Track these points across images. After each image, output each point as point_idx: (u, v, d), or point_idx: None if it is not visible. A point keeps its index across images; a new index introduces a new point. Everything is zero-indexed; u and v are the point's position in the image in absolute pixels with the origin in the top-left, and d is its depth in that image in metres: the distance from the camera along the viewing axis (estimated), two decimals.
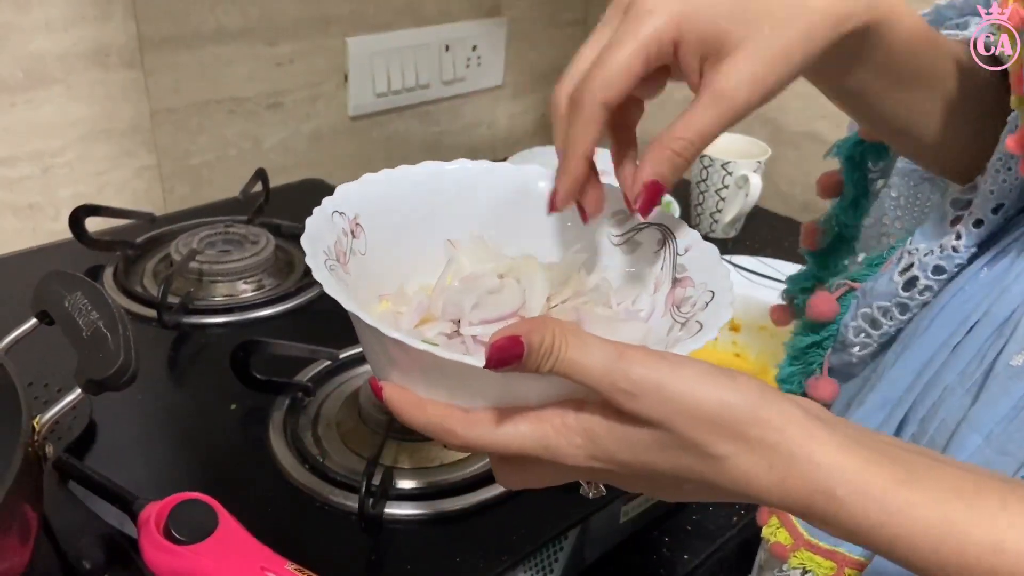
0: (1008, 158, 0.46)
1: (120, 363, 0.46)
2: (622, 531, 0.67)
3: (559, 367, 0.32)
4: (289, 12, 1.09)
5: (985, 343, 0.46)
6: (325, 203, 0.42)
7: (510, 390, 0.34)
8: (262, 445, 0.66)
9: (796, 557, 0.52)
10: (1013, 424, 0.43)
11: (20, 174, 0.95)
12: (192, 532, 0.51)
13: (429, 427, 0.36)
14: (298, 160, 1.18)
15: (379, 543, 0.59)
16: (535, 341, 0.32)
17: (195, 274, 0.86)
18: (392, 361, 0.36)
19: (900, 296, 0.50)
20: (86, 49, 0.94)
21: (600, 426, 0.33)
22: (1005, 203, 0.47)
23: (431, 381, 0.36)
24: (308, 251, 0.39)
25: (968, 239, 0.48)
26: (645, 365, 0.32)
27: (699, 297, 0.42)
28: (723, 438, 0.32)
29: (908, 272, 0.50)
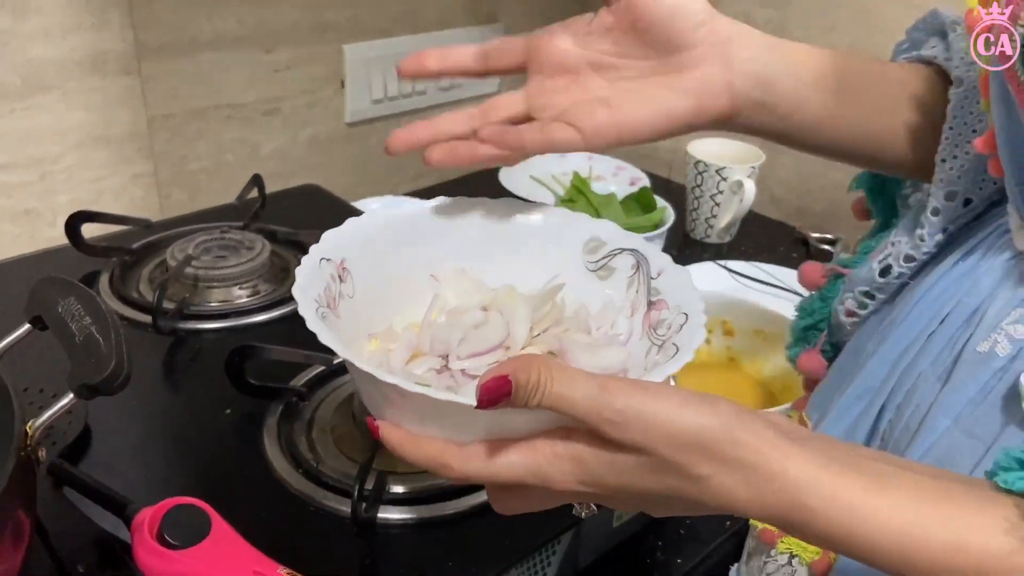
0: (952, 147, 0.49)
1: (112, 367, 0.46)
2: (615, 535, 0.67)
3: (546, 401, 0.34)
4: (286, 19, 1.09)
5: (956, 332, 0.48)
6: (312, 251, 0.45)
7: (500, 423, 0.36)
8: (256, 450, 0.66)
9: (783, 543, 0.55)
10: (980, 408, 0.44)
11: (17, 180, 0.95)
12: (185, 537, 0.52)
13: (426, 463, 0.38)
14: (295, 166, 1.18)
15: (372, 547, 0.59)
16: (522, 379, 0.34)
17: (190, 280, 0.86)
18: (387, 401, 0.38)
19: (877, 282, 0.54)
20: (83, 56, 0.95)
21: (587, 453, 0.36)
22: (958, 190, 0.50)
23: (425, 419, 0.38)
24: (300, 301, 0.41)
25: (930, 227, 0.51)
26: (628, 395, 0.34)
27: (674, 319, 0.44)
28: (703, 459, 0.34)
29: (885, 261, 0.53)
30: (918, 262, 0.52)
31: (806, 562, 0.54)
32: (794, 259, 1.15)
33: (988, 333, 0.45)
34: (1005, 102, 0.44)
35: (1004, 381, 0.44)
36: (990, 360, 0.44)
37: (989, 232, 0.50)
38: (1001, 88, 0.43)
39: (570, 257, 0.49)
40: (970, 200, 0.50)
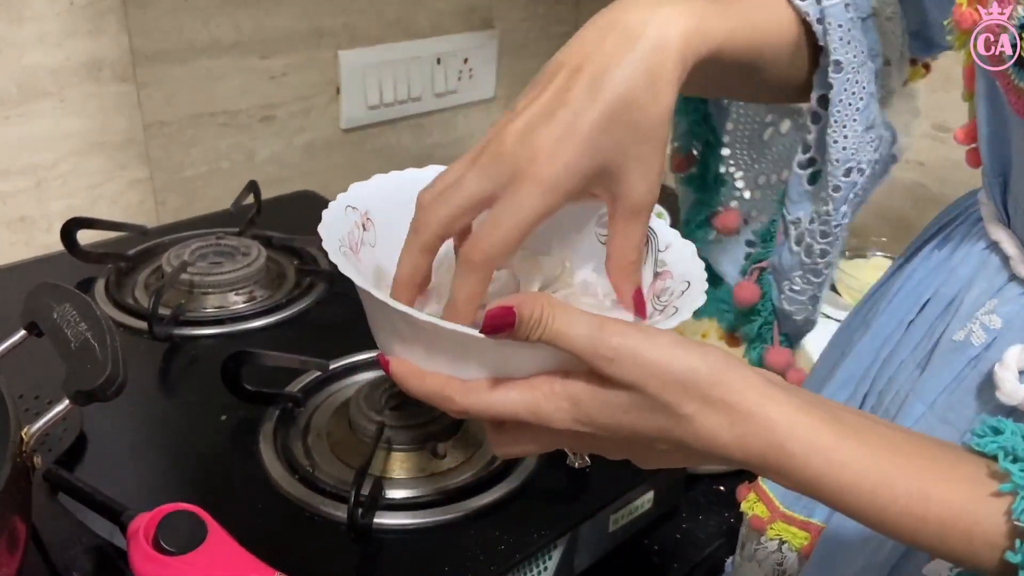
0: (841, 128, 0.51)
1: (108, 374, 0.47)
2: (611, 539, 0.67)
3: (546, 336, 0.36)
4: (282, 25, 1.10)
5: (935, 320, 0.50)
6: (340, 198, 0.46)
7: (503, 361, 0.38)
8: (252, 456, 0.66)
9: (773, 529, 0.56)
10: (954, 395, 0.46)
11: (13, 187, 0.95)
12: (181, 543, 0.52)
13: (430, 395, 0.39)
14: (291, 172, 1.18)
15: (369, 553, 0.59)
16: (526, 312, 0.35)
17: (186, 286, 0.86)
18: (397, 334, 0.40)
19: (806, 264, 0.56)
20: (79, 63, 0.95)
21: (583, 391, 0.37)
22: (852, 165, 0.52)
23: (432, 352, 0.39)
24: (324, 236, 0.42)
25: (834, 203, 0.53)
26: (623, 334, 0.36)
27: (676, 287, 0.45)
28: (689, 398, 0.36)
29: (803, 242, 0.55)
30: (834, 235, 0.54)
31: (795, 548, 0.55)
32: None
33: (964, 322, 0.46)
34: (991, 98, 0.45)
35: (978, 370, 0.45)
36: (965, 349, 0.46)
37: (963, 220, 0.52)
38: (989, 85, 0.44)
39: (583, 228, 0.50)
40: (863, 169, 0.52)
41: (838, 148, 0.51)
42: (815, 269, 0.56)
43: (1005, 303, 0.45)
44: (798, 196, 0.55)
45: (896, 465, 0.35)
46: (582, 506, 0.64)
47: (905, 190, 1.14)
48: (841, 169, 0.52)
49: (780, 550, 0.56)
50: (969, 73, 0.47)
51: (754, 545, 0.59)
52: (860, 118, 0.51)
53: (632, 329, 0.36)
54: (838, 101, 0.51)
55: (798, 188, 0.54)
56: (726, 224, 0.64)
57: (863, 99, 0.51)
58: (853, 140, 0.51)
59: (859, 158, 0.52)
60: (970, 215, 0.51)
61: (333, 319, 0.86)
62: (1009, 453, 0.35)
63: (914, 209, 1.14)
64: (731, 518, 0.74)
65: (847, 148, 0.51)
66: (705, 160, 0.64)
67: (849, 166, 0.52)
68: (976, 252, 0.48)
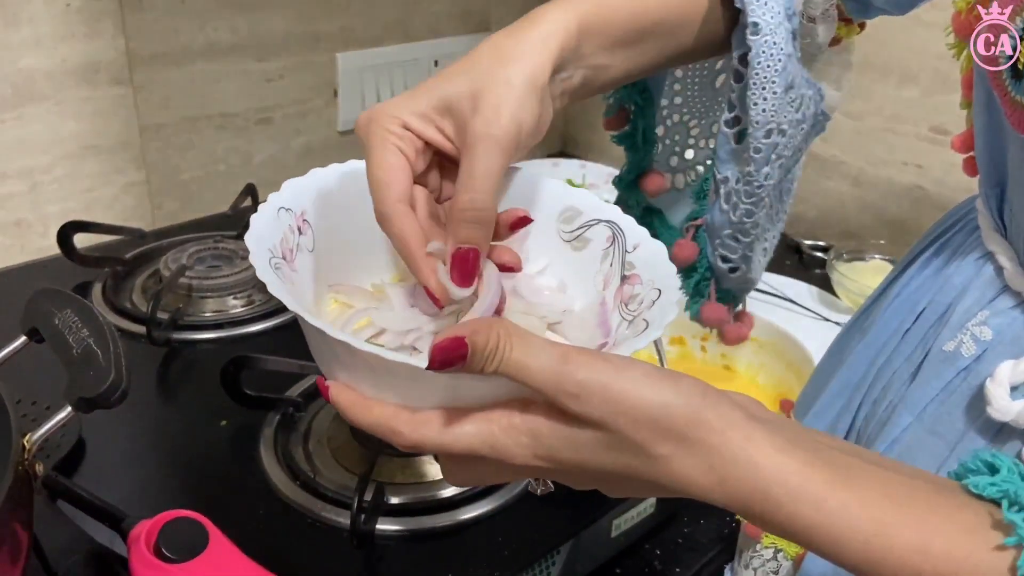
0: (760, 90, 0.50)
1: (111, 381, 0.46)
2: (613, 545, 0.67)
3: (503, 368, 0.33)
4: (279, 28, 1.09)
5: (929, 330, 0.49)
6: (271, 199, 0.42)
7: (456, 392, 0.34)
8: (253, 462, 0.66)
9: (768, 537, 0.55)
10: (944, 407, 0.45)
11: (8, 191, 0.95)
12: (183, 550, 0.51)
13: (376, 427, 0.36)
14: (287, 175, 1.15)
15: (371, 559, 0.59)
16: (479, 342, 0.32)
17: (184, 290, 0.86)
18: (339, 361, 0.36)
19: (734, 223, 0.54)
20: (75, 66, 0.94)
21: (545, 426, 0.34)
22: (773, 127, 0.51)
23: (378, 382, 0.36)
24: (252, 249, 0.38)
25: (755, 165, 0.52)
26: (590, 368, 0.33)
27: (646, 295, 0.42)
28: (664, 439, 0.33)
29: (731, 201, 0.54)
30: (757, 196, 0.53)
31: (791, 556, 0.54)
32: (787, 266, 1.16)
33: (955, 333, 0.46)
34: (989, 110, 0.44)
35: (968, 382, 0.44)
36: (955, 360, 0.45)
37: (961, 228, 0.51)
38: (987, 96, 0.44)
39: (544, 225, 0.47)
40: (784, 130, 0.51)
41: (758, 110, 0.50)
42: (743, 228, 0.55)
43: (997, 315, 0.44)
44: (726, 155, 0.53)
45: (892, 514, 0.32)
46: (584, 512, 0.63)
47: (903, 192, 1.14)
48: (762, 131, 0.50)
49: (775, 558, 0.56)
50: (967, 82, 0.47)
51: (750, 553, 0.58)
52: (779, 80, 0.49)
53: (599, 361, 0.33)
54: (756, 64, 0.49)
55: (726, 147, 0.53)
56: (652, 186, 0.62)
57: (781, 60, 0.49)
58: (773, 102, 0.50)
59: (779, 119, 0.50)
60: (968, 223, 0.50)
61: None
62: (1013, 502, 0.32)
63: (912, 212, 1.14)
64: (732, 523, 0.74)
65: (767, 110, 0.50)
66: (635, 120, 0.62)
67: (769, 127, 0.50)
68: (971, 261, 0.47)
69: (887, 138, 1.14)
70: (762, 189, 0.52)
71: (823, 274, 1.09)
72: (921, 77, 1.09)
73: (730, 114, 0.52)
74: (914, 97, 1.10)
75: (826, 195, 1.23)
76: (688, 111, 0.62)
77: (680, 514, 0.74)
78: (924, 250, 0.53)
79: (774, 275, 1.09)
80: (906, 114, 1.11)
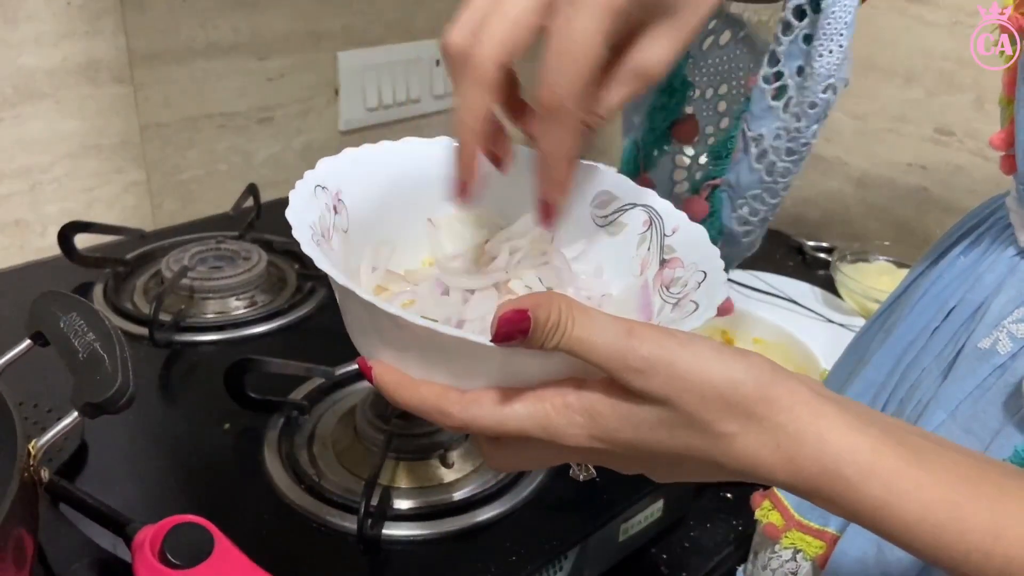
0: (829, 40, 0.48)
1: (118, 386, 0.46)
2: (621, 549, 0.67)
3: (565, 344, 0.31)
4: (280, 27, 1.09)
5: (960, 328, 0.49)
6: (308, 176, 0.41)
7: (510, 369, 0.33)
8: (257, 465, 0.65)
9: (788, 537, 0.55)
10: (978, 404, 0.45)
11: (7, 190, 0.94)
12: (188, 556, 0.50)
13: (423, 407, 0.35)
14: (289, 175, 1.16)
15: (377, 564, 0.58)
16: (541, 316, 0.31)
17: (186, 291, 0.85)
18: (384, 339, 0.35)
19: (766, 182, 0.53)
20: (76, 64, 0.94)
21: (603, 404, 0.33)
22: (832, 80, 0.49)
23: (428, 360, 0.34)
24: (294, 224, 0.37)
25: (807, 120, 0.50)
26: (656, 343, 0.32)
27: (690, 277, 0.41)
28: (731, 416, 0.32)
29: (765, 159, 0.52)
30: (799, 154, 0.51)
31: (810, 557, 0.54)
32: (790, 268, 1.16)
33: (990, 330, 0.46)
34: None
35: (1004, 379, 0.44)
36: (990, 357, 0.45)
37: (991, 225, 0.51)
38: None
39: (578, 210, 0.46)
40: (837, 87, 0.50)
41: (823, 62, 0.48)
42: (773, 189, 0.53)
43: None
44: (761, 112, 0.51)
45: (965, 496, 0.32)
46: (592, 516, 0.63)
47: (907, 194, 1.14)
48: (821, 85, 0.49)
49: (795, 559, 0.56)
50: (1010, 79, 0.46)
51: (768, 554, 0.58)
52: (847, 32, 0.48)
53: (664, 336, 0.32)
54: (831, 13, 0.48)
55: (762, 103, 0.51)
56: (687, 132, 0.59)
57: (851, 12, 0.48)
58: (838, 55, 0.48)
59: (838, 75, 0.49)
60: (997, 221, 0.50)
61: (335, 324, 0.83)
62: None
63: (916, 213, 1.14)
64: (739, 526, 0.74)
65: (831, 63, 0.48)
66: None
67: (829, 82, 0.49)
68: (1005, 259, 0.48)
69: (891, 139, 1.14)
70: (806, 147, 0.51)
71: (827, 275, 1.09)
72: (925, 78, 1.08)
73: (771, 69, 0.50)
74: (918, 98, 1.10)
75: (830, 196, 1.22)
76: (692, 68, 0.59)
77: (687, 518, 0.74)
78: (950, 248, 0.53)
79: (778, 276, 1.09)
80: (910, 115, 1.11)
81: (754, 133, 0.52)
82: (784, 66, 0.50)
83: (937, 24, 1.06)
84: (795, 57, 0.50)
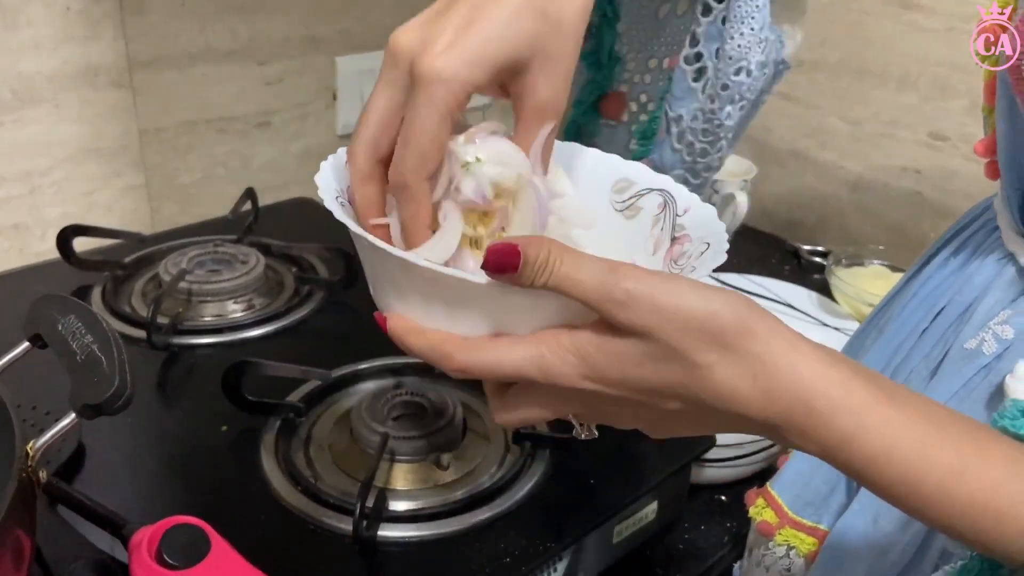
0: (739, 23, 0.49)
1: (115, 387, 0.46)
2: (615, 551, 0.67)
3: (552, 281, 0.33)
4: (278, 32, 1.09)
5: (948, 329, 0.50)
6: (340, 151, 0.44)
7: (506, 313, 0.36)
8: (254, 467, 0.66)
9: (781, 535, 0.56)
10: (964, 404, 0.45)
11: (7, 194, 0.94)
12: (185, 557, 0.51)
13: (428, 351, 0.37)
14: (287, 179, 1.17)
15: (373, 566, 0.59)
16: (531, 254, 0.33)
17: (184, 294, 0.86)
18: (395, 286, 0.38)
19: (687, 162, 0.54)
20: (75, 69, 0.94)
21: (591, 343, 0.34)
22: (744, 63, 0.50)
23: (429, 304, 0.37)
24: (321, 185, 0.40)
25: (720, 102, 0.51)
26: (637, 278, 0.33)
27: (695, 249, 0.43)
28: (709, 346, 0.33)
29: (683, 140, 0.54)
30: (714, 135, 0.53)
31: (802, 553, 0.55)
32: (786, 271, 1.16)
33: (976, 331, 0.46)
34: (1012, 115, 0.45)
35: (988, 380, 0.45)
36: (976, 357, 0.46)
37: (980, 227, 0.52)
38: (1010, 102, 0.44)
39: (597, 197, 0.48)
40: (751, 71, 0.51)
41: (733, 45, 0.50)
42: (694, 169, 0.54)
43: (1019, 314, 0.45)
44: (681, 92, 0.53)
45: (933, 436, 0.32)
46: (587, 517, 0.63)
47: (902, 198, 1.15)
48: (733, 67, 0.50)
49: (788, 555, 0.56)
50: (990, 88, 0.47)
51: (762, 551, 0.59)
52: (758, 16, 0.49)
53: (646, 273, 0.33)
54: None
55: (683, 84, 0.52)
56: (613, 108, 0.60)
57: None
58: (748, 38, 0.49)
59: (750, 58, 0.50)
60: (987, 223, 0.51)
61: (333, 328, 0.86)
62: None
63: (911, 217, 1.15)
64: (733, 528, 0.74)
65: (742, 46, 0.50)
66: (600, 35, 0.59)
67: (741, 65, 0.50)
68: (992, 262, 0.48)
69: (886, 143, 1.15)
70: (721, 128, 0.52)
71: (822, 279, 1.10)
72: (920, 83, 1.09)
73: (692, 49, 0.52)
74: (912, 103, 1.10)
75: (825, 200, 1.23)
76: (627, 41, 0.59)
77: (681, 520, 0.74)
78: (941, 249, 0.53)
79: (773, 280, 1.10)
80: (904, 120, 1.12)
81: (674, 114, 0.53)
82: (703, 47, 0.51)
83: (931, 30, 1.06)
84: (713, 39, 0.51)
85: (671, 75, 0.57)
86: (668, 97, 0.53)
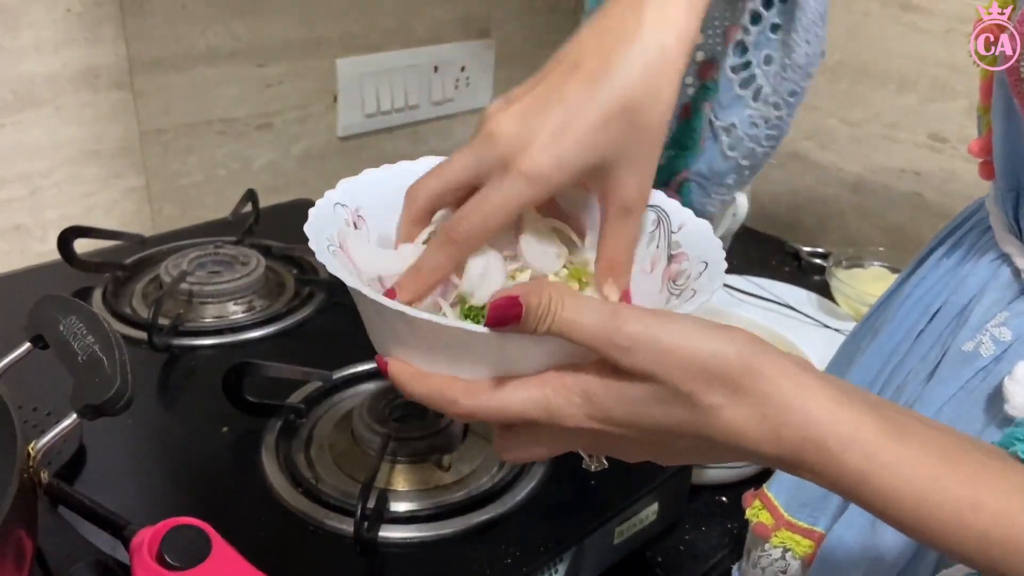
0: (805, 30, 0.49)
1: (117, 388, 0.46)
2: (616, 552, 0.67)
3: (555, 327, 0.33)
4: (279, 34, 1.09)
5: (944, 331, 0.49)
6: (328, 195, 0.44)
7: (508, 357, 0.35)
8: (255, 468, 0.66)
9: (777, 537, 0.56)
10: (962, 406, 0.46)
11: (7, 195, 0.95)
12: (186, 558, 0.51)
13: (431, 397, 0.37)
14: (287, 181, 1.18)
15: (374, 567, 0.59)
16: (533, 302, 0.33)
17: (185, 296, 0.86)
18: (394, 334, 0.38)
19: (742, 166, 0.55)
20: (76, 70, 0.94)
21: (597, 385, 0.34)
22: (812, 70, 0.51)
23: (432, 352, 0.37)
24: (311, 235, 0.40)
25: (789, 109, 0.52)
26: (640, 321, 0.33)
27: (693, 268, 0.43)
28: (715, 388, 0.33)
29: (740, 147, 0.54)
30: (779, 141, 0.53)
31: (799, 556, 0.55)
32: (786, 273, 1.16)
33: (973, 333, 0.46)
34: (1008, 115, 0.45)
35: (987, 382, 0.45)
36: (973, 360, 0.46)
37: (972, 226, 0.52)
38: (1006, 102, 0.44)
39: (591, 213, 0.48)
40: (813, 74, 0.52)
41: (801, 53, 0.50)
42: (743, 174, 0.55)
43: (1016, 316, 0.45)
44: (729, 101, 0.52)
45: (944, 470, 0.32)
46: (587, 519, 0.63)
47: (902, 200, 1.15)
48: (801, 73, 0.50)
49: (784, 558, 0.56)
50: (986, 88, 0.47)
51: (758, 552, 0.59)
52: (822, 22, 0.49)
53: (648, 315, 0.33)
54: (806, 4, 0.49)
55: (729, 92, 0.52)
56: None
57: (824, 2, 0.49)
58: (816, 45, 0.49)
59: (815, 63, 0.51)
60: (979, 223, 0.51)
61: (333, 329, 0.86)
62: None
63: (911, 219, 1.15)
64: (734, 529, 0.74)
65: (809, 53, 0.50)
66: None
67: (810, 70, 0.50)
68: (986, 263, 0.48)
69: (885, 145, 1.15)
70: (784, 133, 0.53)
71: (822, 280, 1.10)
72: (919, 85, 1.09)
73: (740, 59, 0.51)
74: (912, 104, 1.10)
75: (825, 202, 1.23)
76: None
77: (682, 521, 0.74)
78: (935, 250, 0.53)
79: (773, 281, 1.10)
80: (904, 121, 1.12)
81: (724, 123, 0.53)
82: (752, 55, 0.51)
83: (931, 32, 1.07)
84: (763, 46, 0.50)
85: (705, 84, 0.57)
86: (710, 105, 0.53)
